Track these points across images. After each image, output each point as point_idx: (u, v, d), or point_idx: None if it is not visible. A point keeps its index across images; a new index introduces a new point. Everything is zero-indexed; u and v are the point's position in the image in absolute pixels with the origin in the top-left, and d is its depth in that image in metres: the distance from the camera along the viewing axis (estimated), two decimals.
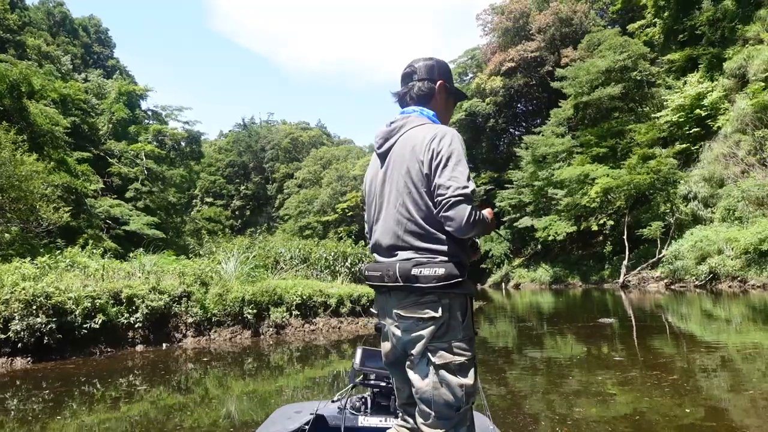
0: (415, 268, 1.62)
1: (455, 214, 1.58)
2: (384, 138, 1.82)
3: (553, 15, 35.69)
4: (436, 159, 1.64)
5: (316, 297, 9.64)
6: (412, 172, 1.69)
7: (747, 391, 4.49)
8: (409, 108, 1.85)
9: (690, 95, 24.05)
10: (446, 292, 1.63)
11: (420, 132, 1.73)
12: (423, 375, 1.63)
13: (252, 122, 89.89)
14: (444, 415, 1.61)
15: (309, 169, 68.96)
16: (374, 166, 1.89)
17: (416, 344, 1.64)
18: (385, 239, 1.75)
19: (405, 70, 1.90)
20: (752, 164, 20.57)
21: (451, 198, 1.59)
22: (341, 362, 7.09)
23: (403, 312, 1.66)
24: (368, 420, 2.39)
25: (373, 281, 1.77)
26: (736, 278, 17.06)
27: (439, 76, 1.87)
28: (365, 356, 2.46)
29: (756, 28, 22.51)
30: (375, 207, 1.84)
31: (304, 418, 2.39)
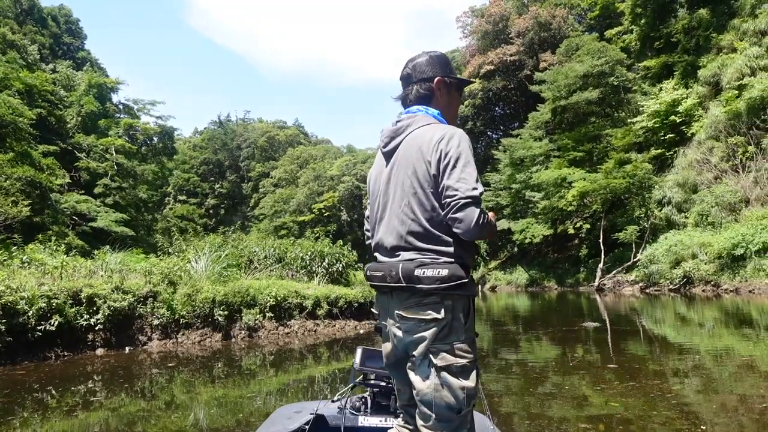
0: (419, 269, 1.61)
1: (464, 216, 1.58)
2: (390, 137, 1.81)
3: (532, 19, 35.92)
4: (444, 160, 1.63)
5: (292, 298, 9.23)
6: (419, 173, 1.67)
7: (721, 394, 4.57)
8: (413, 107, 1.83)
9: (665, 102, 24.35)
10: (449, 294, 1.61)
11: (427, 132, 1.71)
12: (424, 377, 1.62)
13: (228, 120, 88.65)
14: (445, 417, 1.60)
15: (285, 169, 68.32)
16: (379, 165, 1.87)
17: (418, 346, 1.63)
18: (388, 239, 1.74)
19: (403, 71, 1.88)
20: (725, 170, 20.89)
21: (460, 200, 1.58)
22: (317, 367, 6.74)
23: (405, 313, 1.65)
24: (368, 420, 2.38)
25: (375, 281, 1.75)
26: (710, 282, 17.24)
27: (435, 73, 1.84)
28: (365, 356, 2.45)
29: (730, 37, 22.92)
30: (378, 206, 1.82)
31: (304, 418, 2.37)
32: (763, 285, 15.31)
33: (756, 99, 19.53)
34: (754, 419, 3.78)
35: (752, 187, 19.44)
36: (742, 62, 21.29)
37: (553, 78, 29.11)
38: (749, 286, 15.65)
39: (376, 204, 1.84)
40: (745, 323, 9.99)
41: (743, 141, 20.33)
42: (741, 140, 20.41)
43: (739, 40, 22.21)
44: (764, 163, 19.42)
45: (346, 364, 6.93)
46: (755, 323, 9.75)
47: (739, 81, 21.13)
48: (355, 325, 9.92)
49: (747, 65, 21.08)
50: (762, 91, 19.28)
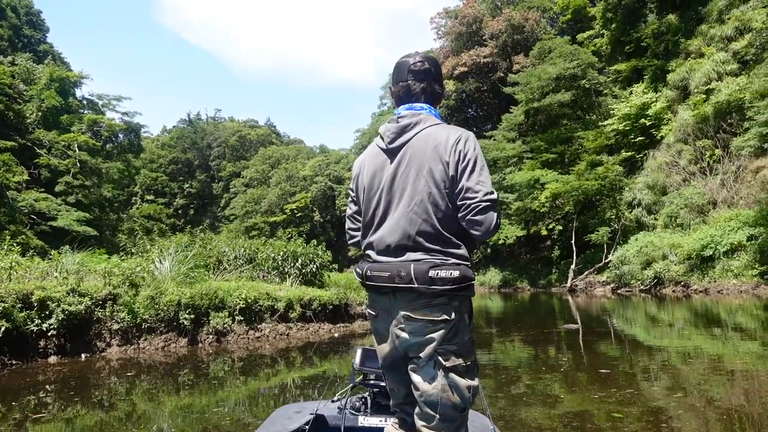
0: (432, 270, 1.59)
1: (484, 219, 1.60)
2: (396, 133, 1.76)
3: (505, 22, 36.12)
4: (463, 162, 1.64)
5: (263, 301, 8.80)
6: (435, 172, 1.66)
7: (690, 394, 4.58)
8: (417, 104, 1.81)
9: (635, 105, 24.72)
10: (456, 295, 1.62)
11: (442, 132, 1.71)
12: (429, 378, 1.61)
13: (198, 118, 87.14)
14: (449, 417, 1.61)
15: (257, 168, 67.51)
16: (378, 161, 1.81)
17: (425, 347, 1.62)
18: (391, 237, 1.70)
19: (418, 65, 1.83)
20: (693, 173, 21.29)
21: (481, 203, 1.60)
22: (289, 373, 6.38)
23: (414, 314, 1.63)
24: (368, 420, 2.38)
25: (379, 282, 1.69)
26: (680, 283, 17.48)
27: (442, 78, 1.90)
28: (365, 356, 2.44)
29: (698, 43, 23.40)
30: (379, 204, 1.76)
31: (304, 418, 2.37)
32: (731, 285, 15.57)
33: (723, 103, 19.94)
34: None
35: (719, 190, 19.83)
36: (709, 67, 21.73)
37: (526, 80, 29.29)
38: (718, 287, 15.91)
39: (374, 201, 1.78)
40: (714, 323, 10.05)
41: (711, 144, 20.73)
42: (708, 143, 20.81)
43: (707, 45, 22.68)
44: (731, 166, 19.83)
45: (319, 370, 6.59)
46: (725, 323, 9.80)
47: (706, 85, 21.57)
48: (329, 329, 9.55)
49: (714, 70, 21.53)
50: (728, 96, 19.68)
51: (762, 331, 8.45)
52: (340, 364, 6.94)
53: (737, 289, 15.25)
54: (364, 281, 1.76)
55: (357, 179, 1.88)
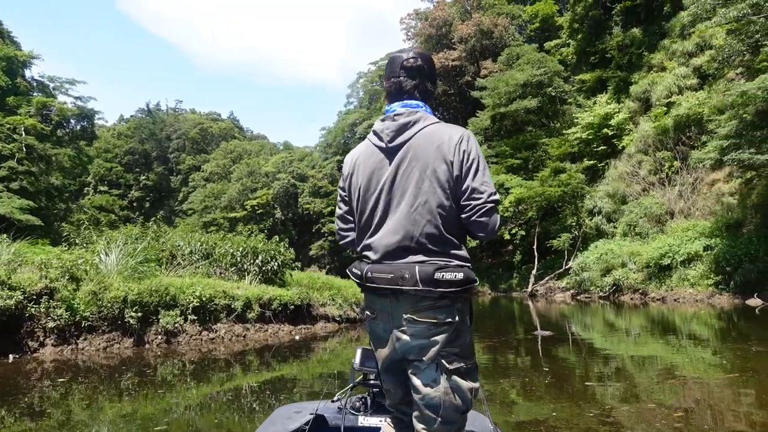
0: (438, 272, 1.57)
1: (489, 221, 1.61)
2: (395, 132, 1.71)
3: (475, 26, 36.25)
4: (467, 162, 1.62)
5: (219, 299, 8.22)
6: (439, 172, 1.63)
7: (645, 399, 4.62)
8: (412, 102, 1.77)
9: (599, 115, 25.13)
10: (459, 297, 1.61)
11: (443, 131, 1.68)
12: (431, 381, 1.60)
13: (157, 108, 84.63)
14: (450, 419, 1.60)
15: (218, 162, 66.04)
16: (374, 161, 1.75)
17: (428, 350, 1.60)
18: (393, 239, 1.66)
19: (410, 61, 1.79)
20: (652, 183, 21.76)
21: (486, 204, 1.60)
22: (245, 378, 5.89)
23: (417, 316, 1.61)
24: (368, 420, 2.38)
25: (381, 283, 1.65)
26: (638, 291, 17.74)
27: (436, 75, 1.87)
28: (365, 356, 2.41)
29: (660, 57, 23.99)
30: (378, 204, 1.71)
31: (304, 418, 2.37)
32: (688, 294, 15.88)
33: (682, 116, 20.44)
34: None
35: (677, 200, 20.32)
36: (670, 81, 22.29)
37: (494, 85, 29.42)
38: (675, 295, 16.20)
39: (372, 202, 1.72)
40: (670, 331, 10.12)
41: (670, 156, 21.23)
42: (668, 155, 21.31)
43: (669, 59, 23.27)
44: (688, 177, 20.35)
45: (277, 374, 6.14)
46: (680, 331, 9.86)
47: (667, 99, 22.10)
48: (290, 330, 9.05)
49: (675, 84, 22.09)
50: (688, 110, 20.20)
51: (715, 340, 8.60)
52: (299, 369, 6.50)
53: (693, 298, 15.56)
54: (363, 282, 1.70)
55: (350, 178, 1.81)
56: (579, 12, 29.53)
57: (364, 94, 51.56)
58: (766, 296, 13.49)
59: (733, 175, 18.35)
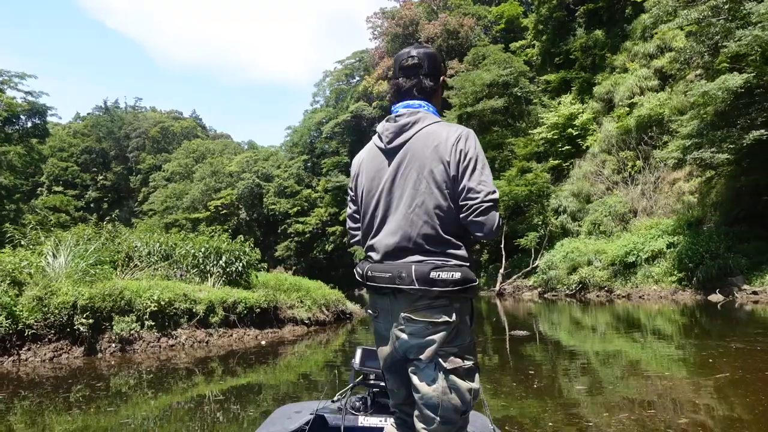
0: (434, 271, 1.57)
1: (486, 220, 1.59)
2: (395, 133, 1.71)
3: (441, 26, 36.34)
4: (464, 161, 1.61)
5: (179, 303, 7.73)
6: (436, 173, 1.63)
7: (612, 394, 4.65)
8: (414, 102, 1.76)
9: (563, 115, 25.47)
10: (458, 296, 1.60)
11: (441, 131, 1.67)
12: (430, 380, 1.60)
13: (116, 106, 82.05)
14: (450, 419, 1.60)
15: (180, 162, 64.44)
16: (376, 162, 1.77)
17: (425, 349, 1.60)
18: (393, 240, 1.67)
19: (408, 60, 1.77)
20: (616, 182, 22.15)
21: (483, 203, 1.58)
22: (208, 386, 5.49)
23: (414, 315, 1.60)
24: (368, 420, 2.38)
25: (380, 282, 1.65)
26: (604, 288, 17.96)
27: (441, 70, 1.82)
28: (365, 356, 2.44)
29: (622, 58, 24.47)
30: (379, 205, 1.73)
31: (304, 418, 2.37)
32: (652, 291, 16.14)
33: (644, 117, 20.87)
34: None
35: (639, 199, 20.72)
36: (632, 82, 22.74)
37: (460, 84, 29.46)
38: (639, 292, 16.45)
39: (373, 202, 1.75)
40: (635, 328, 10.19)
41: (632, 155, 21.65)
42: (630, 155, 21.72)
43: (631, 61, 23.75)
44: (650, 176, 20.78)
45: (243, 381, 5.76)
46: (645, 327, 9.92)
47: (630, 99, 22.54)
48: (256, 335, 8.62)
49: (637, 85, 22.55)
50: (650, 110, 20.63)
51: (678, 336, 8.69)
52: (266, 376, 6.13)
53: (657, 294, 15.82)
54: (364, 281, 1.71)
55: (356, 179, 1.84)
56: (543, 13, 29.89)
57: (331, 93, 51.06)
58: (726, 291, 13.80)
59: (693, 174, 18.82)
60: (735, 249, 14.52)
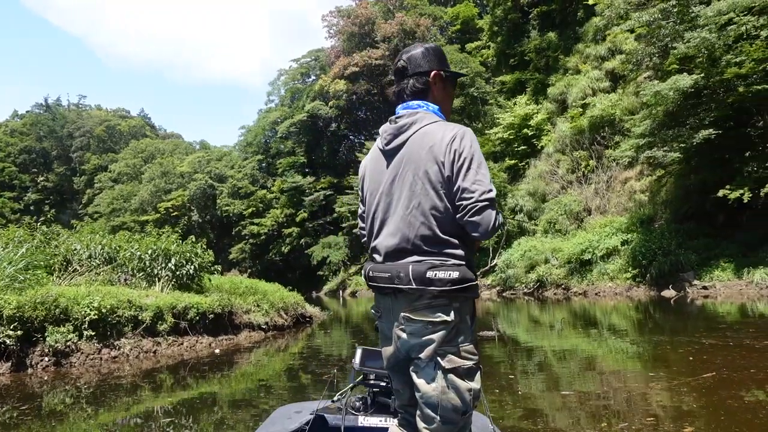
0: (430, 271, 1.58)
1: (482, 220, 1.57)
2: (393, 134, 1.73)
3: (398, 25, 36.22)
4: (458, 161, 1.60)
5: (123, 310, 7.11)
6: (431, 174, 1.64)
7: (568, 391, 4.64)
8: (413, 102, 1.77)
9: (519, 115, 25.80)
10: (457, 296, 1.60)
11: (437, 131, 1.66)
12: (429, 379, 1.61)
13: (58, 104, 78.34)
14: (450, 419, 1.60)
15: (128, 162, 62.08)
16: (377, 164, 1.80)
17: (425, 348, 1.60)
18: (392, 241, 1.69)
19: (397, 64, 1.83)
20: (570, 182, 22.55)
21: (477, 203, 1.57)
22: (155, 400, 4.99)
23: (413, 315, 1.62)
24: (368, 420, 2.37)
25: (380, 282, 1.69)
26: (561, 286, 18.19)
27: (431, 66, 1.78)
28: (365, 356, 2.42)
29: (575, 60, 24.99)
30: (379, 207, 1.75)
31: (304, 418, 2.37)
32: (607, 288, 16.44)
33: (597, 117, 21.34)
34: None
35: (593, 198, 21.16)
36: (585, 83, 23.24)
37: None
38: (595, 289, 16.72)
39: (374, 204, 1.77)
40: (591, 324, 10.27)
41: (586, 155, 22.10)
42: (584, 154, 22.17)
43: (583, 63, 24.28)
44: (603, 176, 21.26)
45: (195, 393, 5.29)
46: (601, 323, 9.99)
47: (582, 100, 23.02)
48: (209, 343, 8.07)
49: (589, 86, 23.06)
50: (602, 111, 21.12)
51: (632, 332, 8.79)
52: (220, 386, 5.66)
53: (612, 291, 16.11)
54: (367, 282, 1.76)
55: (362, 181, 1.88)
56: (498, 15, 30.25)
57: (286, 92, 50.12)
58: (679, 287, 14.17)
59: (643, 173, 19.35)
60: (685, 245, 14.93)
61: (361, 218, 1.93)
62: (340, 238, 36.80)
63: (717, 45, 12.65)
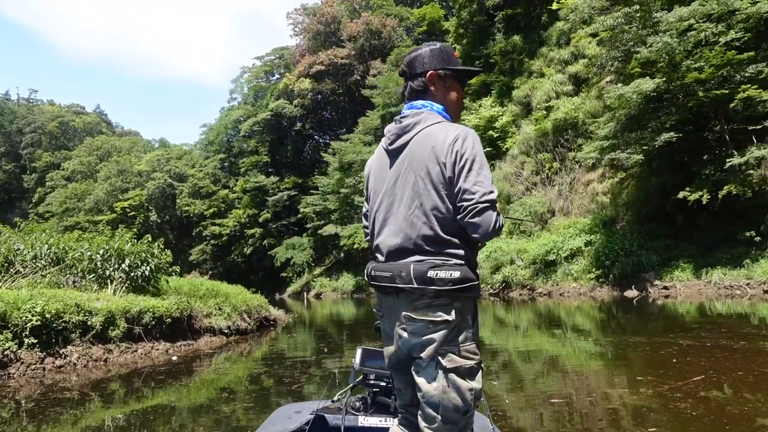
0: (431, 270, 1.59)
1: (482, 221, 1.57)
2: (396, 134, 1.75)
3: (364, 25, 36.04)
4: (460, 162, 1.60)
5: (70, 315, 6.57)
6: (433, 174, 1.64)
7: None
8: (417, 102, 1.78)
9: (484, 117, 25.94)
10: (458, 295, 1.61)
11: (440, 131, 1.67)
12: (431, 379, 1.61)
13: (6, 98, 74.83)
14: (451, 419, 1.60)
15: (82, 160, 59.78)
16: (381, 163, 1.82)
17: (426, 347, 1.61)
18: (393, 240, 1.70)
19: (401, 66, 1.84)
20: (535, 183, 22.78)
21: (478, 204, 1.56)
22: (105, 411, 4.57)
23: (414, 314, 1.63)
24: (368, 420, 2.36)
25: (382, 281, 1.70)
26: (526, 286, 18.30)
27: (425, 67, 1.77)
28: (365, 356, 2.42)
29: (539, 63, 25.30)
30: (382, 206, 1.76)
31: (304, 418, 2.37)
32: (571, 288, 16.61)
33: (560, 120, 21.64)
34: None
35: (557, 199, 21.42)
36: (549, 87, 23.54)
37: (384, 84, 29.31)
38: (560, 290, 16.87)
39: (377, 203, 1.79)
40: (556, 324, 10.30)
41: (549, 157, 22.36)
42: (548, 156, 22.43)
43: (547, 66, 24.59)
44: (566, 178, 21.56)
45: (149, 405, 4.87)
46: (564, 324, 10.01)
47: (546, 103, 23.30)
48: (166, 349, 7.60)
49: (553, 90, 23.36)
50: (565, 114, 21.42)
51: (596, 332, 8.83)
52: (177, 396, 5.26)
53: (577, 291, 16.29)
54: (369, 281, 1.77)
55: (367, 180, 1.90)
56: (464, 17, 30.34)
57: (249, 90, 49.15)
58: (641, 287, 14.41)
59: (605, 175, 19.69)
60: (646, 246, 15.21)
61: (365, 217, 1.95)
62: (304, 239, 36.25)
63: (678, 50, 12.92)
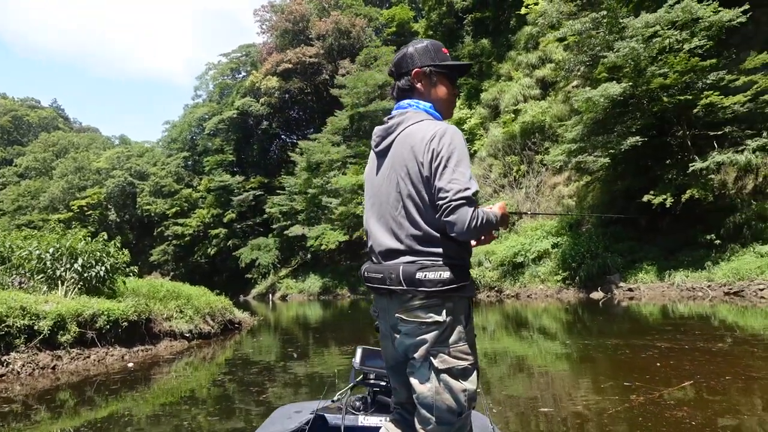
0: (420, 272, 1.58)
1: (456, 219, 1.53)
2: (381, 136, 1.76)
3: (332, 24, 35.68)
4: (436, 160, 1.58)
5: (14, 319, 6.07)
6: (412, 174, 1.63)
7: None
8: (403, 102, 1.78)
9: (453, 119, 25.98)
10: (450, 296, 1.59)
11: (419, 130, 1.65)
12: (424, 380, 1.60)
13: None
14: (445, 420, 1.59)
15: (36, 156, 57.48)
16: (372, 165, 1.83)
17: (418, 348, 1.60)
18: (384, 241, 1.69)
19: (389, 68, 1.86)
20: (503, 185, 22.95)
21: (451, 202, 1.53)
22: (52, 425, 4.18)
23: (406, 315, 1.62)
24: (368, 419, 2.36)
25: (374, 283, 1.70)
26: (494, 288, 18.35)
27: (410, 65, 1.75)
28: (365, 356, 2.42)
29: (507, 67, 25.53)
30: (374, 208, 1.77)
31: (304, 418, 2.37)
32: (539, 290, 16.74)
33: (528, 123, 21.87)
34: None
35: (524, 201, 21.60)
36: (517, 90, 23.77)
37: (353, 84, 29.08)
38: (528, 292, 16.98)
39: (369, 205, 1.80)
40: (523, 326, 10.23)
41: (517, 160, 22.57)
42: (515, 159, 22.63)
43: (515, 70, 24.84)
44: (533, 180, 21.79)
45: (102, 415, 4.51)
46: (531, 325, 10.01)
47: (514, 106, 23.52)
48: (122, 355, 7.15)
49: (521, 93, 23.60)
50: (533, 117, 21.66)
51: (562, 333, 8.87)
52: (134, 404, 4.90)
53: (544, 293, 16.42)
54: (363, 282, 1.76)
55: (366, 182, 1.89)
56: (433, 19, 30.39)
57: (215, 88, 48.04)
58: (606, 289, 14.61)
59: (571, 178, 19.97)
60: (612, 249, 15.45)
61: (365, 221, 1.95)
62: (270, 239, 35.59)
63: (643, 56, 13.15)
